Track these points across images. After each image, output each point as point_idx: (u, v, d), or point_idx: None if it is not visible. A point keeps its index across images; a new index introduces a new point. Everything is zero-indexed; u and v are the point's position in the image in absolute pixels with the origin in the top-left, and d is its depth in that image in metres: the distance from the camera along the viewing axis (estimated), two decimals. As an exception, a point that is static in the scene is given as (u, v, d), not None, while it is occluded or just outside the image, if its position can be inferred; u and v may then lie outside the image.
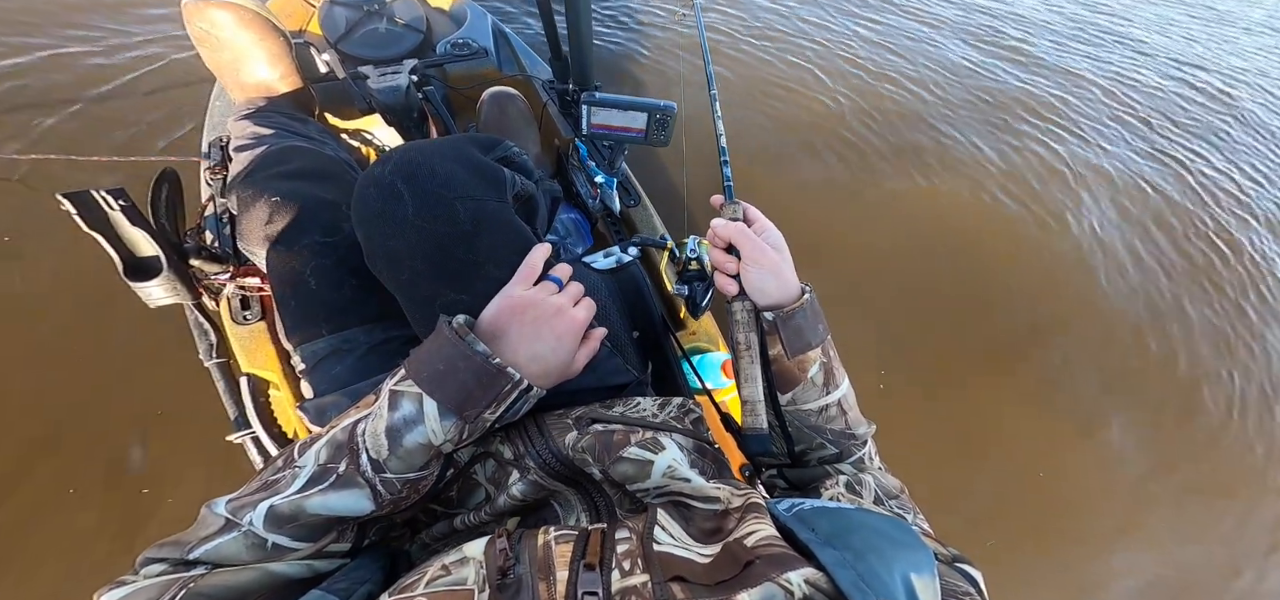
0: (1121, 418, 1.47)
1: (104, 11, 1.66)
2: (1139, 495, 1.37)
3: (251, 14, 0.76)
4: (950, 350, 1.52)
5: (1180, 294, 1.79)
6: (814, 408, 0.47)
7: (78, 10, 1.63)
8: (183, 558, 0.32)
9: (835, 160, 1.91)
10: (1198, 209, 2.13)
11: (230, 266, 0.76)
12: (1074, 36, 3.05)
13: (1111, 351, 1.61)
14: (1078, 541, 1.28)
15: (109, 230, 0.64)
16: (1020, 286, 1.69)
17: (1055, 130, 2.29)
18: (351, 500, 0.35)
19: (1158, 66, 2.98)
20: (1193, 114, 2.67)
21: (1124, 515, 1.33)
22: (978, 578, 0.32)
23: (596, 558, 0.29)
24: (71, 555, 0.90)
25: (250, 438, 0.76)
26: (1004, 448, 1.38)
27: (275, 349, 0.77)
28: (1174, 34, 3.41)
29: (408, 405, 0.36)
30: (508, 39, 1.24)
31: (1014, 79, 2.53)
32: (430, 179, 0.47)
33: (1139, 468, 1.41)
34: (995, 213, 1.88)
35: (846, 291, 1.55)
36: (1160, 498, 1.37)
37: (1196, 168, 2.32)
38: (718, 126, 0.59)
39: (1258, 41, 3.65)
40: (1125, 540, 1.30)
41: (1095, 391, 1.52)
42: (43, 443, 0.97)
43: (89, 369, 1.05)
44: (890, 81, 2.31)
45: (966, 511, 1.26)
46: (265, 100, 0.81)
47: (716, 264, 0.49)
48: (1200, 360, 1.64)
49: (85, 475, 0.96)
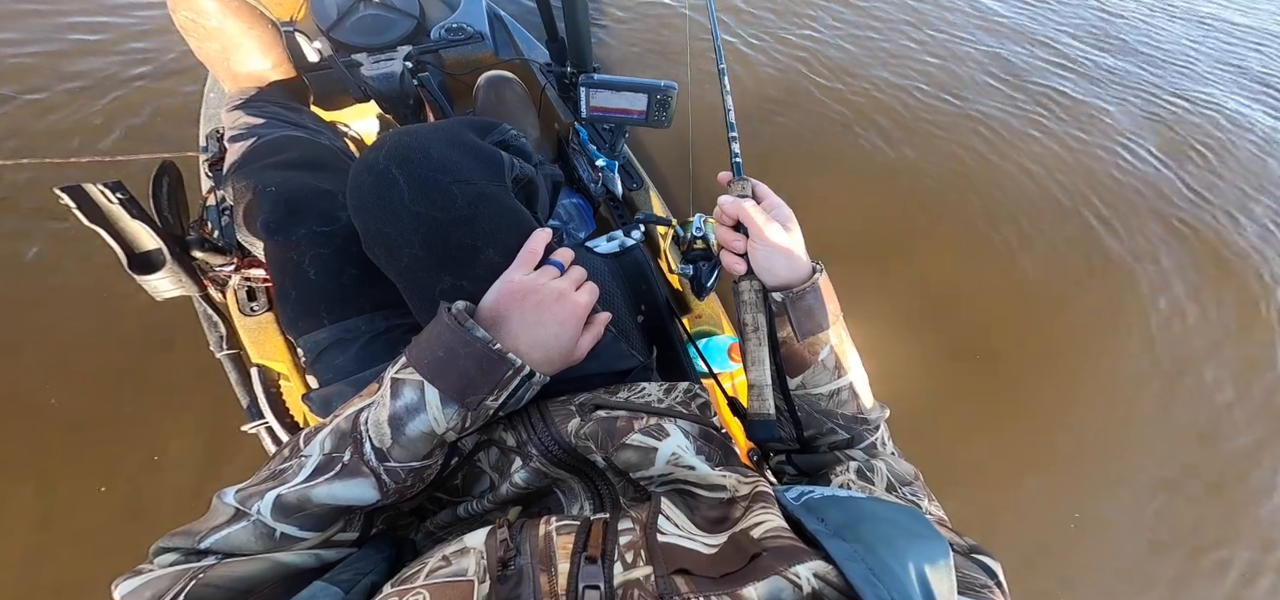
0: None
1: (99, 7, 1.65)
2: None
3: (238, 2, 0.75)
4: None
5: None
6: (824, 392, 0.45)
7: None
8: (194, 547, 0.33)
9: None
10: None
11: (234, 258, 0.76)
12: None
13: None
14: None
15: (109, 224, 0.64)
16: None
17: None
18: (357, 489, 0.35)
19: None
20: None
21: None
22: (996, 569, 0.31)
23: (598, 549, 0.28)
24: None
25: (264, 428, 0.77)
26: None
27: (283, 340, 0.77)
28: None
29: (409, 393, 0.35)
30: (503, 22, 1.21)
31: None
32: (426, 164, 0.46)
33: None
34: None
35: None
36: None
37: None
38: (726, 102, 0.57)
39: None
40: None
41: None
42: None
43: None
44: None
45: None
46: (257, 90, 0.80)
47: (723, 242, 0.48)
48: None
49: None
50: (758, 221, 0.45)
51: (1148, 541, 1.21)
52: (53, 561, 0.90)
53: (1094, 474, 1.28)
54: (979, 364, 1.42)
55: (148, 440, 1.00)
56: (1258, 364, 1.50)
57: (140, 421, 1.02)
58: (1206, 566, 1.19)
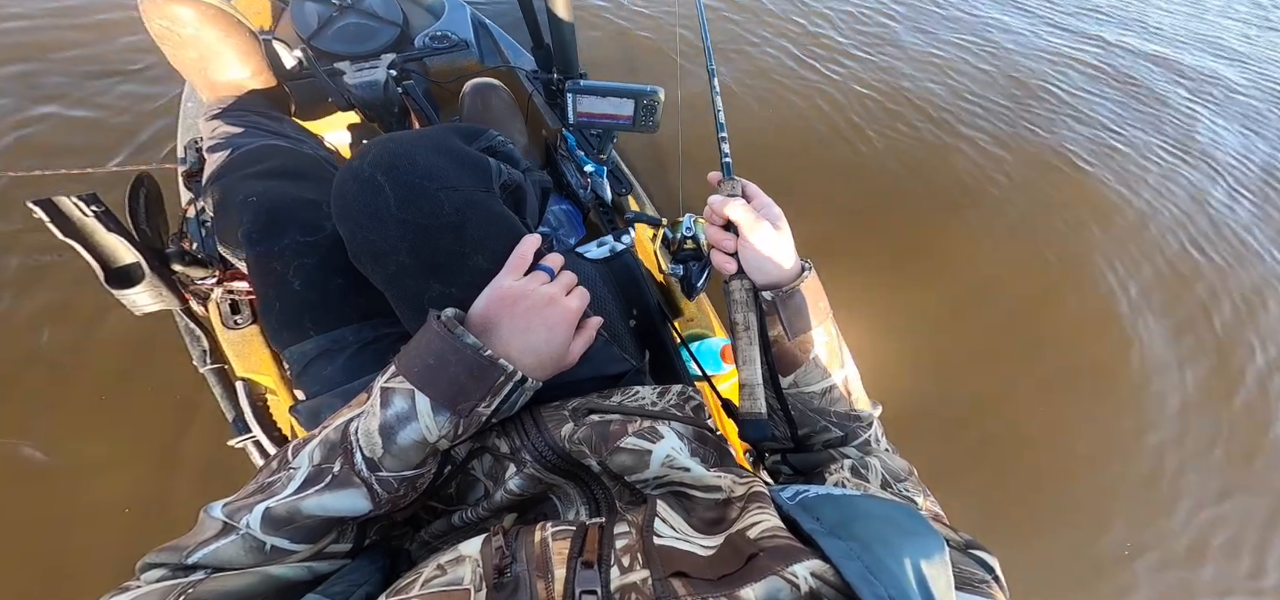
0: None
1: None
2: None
3: (215, 10, 0.73)
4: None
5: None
6: (817, 390, 0.45)
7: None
8: (182, 562, 0.32)
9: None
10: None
11: (216, 271, 0.74)
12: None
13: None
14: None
15: (84, 238, 0.62)
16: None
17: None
18: (348, 500, 0.34)
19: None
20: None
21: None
22: (993, 564, 0.31)
23: (594, 554, 0.28)
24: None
25: (251, 442, 0.75)
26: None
27: (269, 352, 0.76)
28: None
29: (400, 402, 0.35)
30: (488, 30, 1.21)
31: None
32: (411, 171, 0.46)
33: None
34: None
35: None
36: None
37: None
38: (716, 102, 0.57)
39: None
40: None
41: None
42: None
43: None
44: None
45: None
46: (236, 98, 0.78)
47: (713, 242, 0.48)
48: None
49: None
50: (747, 221, 0.45)
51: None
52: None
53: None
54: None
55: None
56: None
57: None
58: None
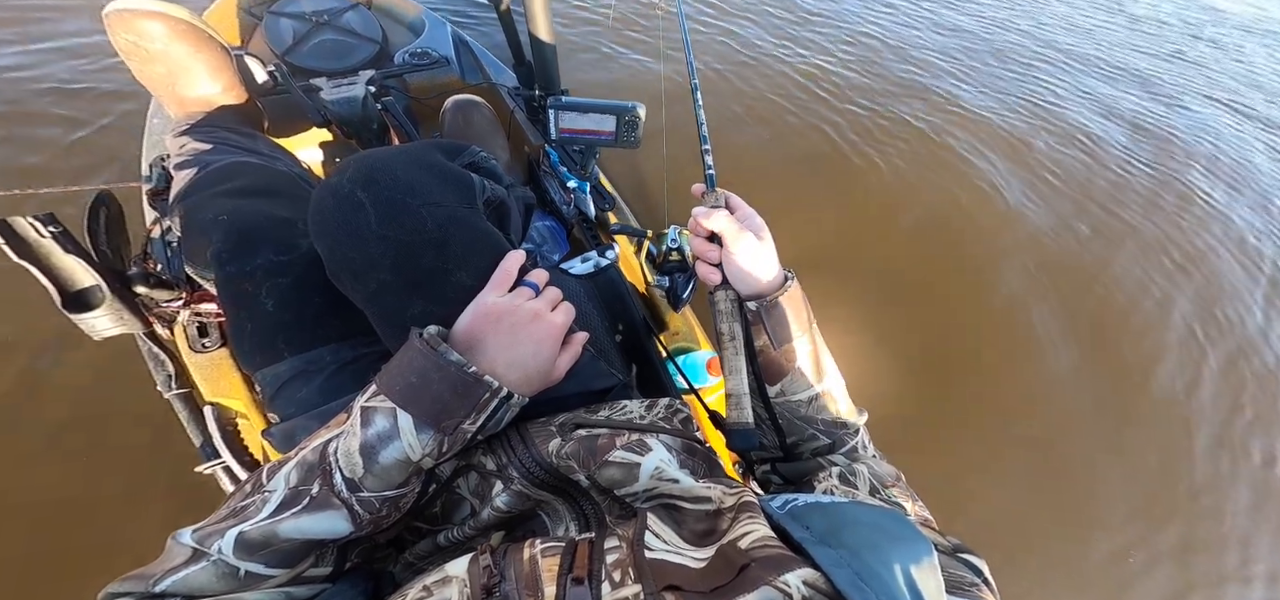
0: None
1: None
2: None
3: (186, 24, 0.71)
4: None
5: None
6: (803, 398, 0.46)
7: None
8: (149, 591, 0.30)
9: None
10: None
11: (182, 293, 0.71)
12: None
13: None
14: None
15: (40, 260, 0.59)
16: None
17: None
18: (328, 522, 0.33)
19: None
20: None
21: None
22: (982, 567, 0.31)
23: (584, 570, 0.28)
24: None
25: (221, 467, 0.71)
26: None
27: (240, 376, 0.73)
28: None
29: (381, 421, 0.34)
30: (470, 47, 1.21)
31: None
32: (392, 186, 0.45)
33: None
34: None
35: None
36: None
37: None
38: (699, 115, 0.58)
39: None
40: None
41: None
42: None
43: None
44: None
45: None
46: (206, 114, 0.76)
47: (698, 253, 0.48)
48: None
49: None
50: (731, 232, 0.45)
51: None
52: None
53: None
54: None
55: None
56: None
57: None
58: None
